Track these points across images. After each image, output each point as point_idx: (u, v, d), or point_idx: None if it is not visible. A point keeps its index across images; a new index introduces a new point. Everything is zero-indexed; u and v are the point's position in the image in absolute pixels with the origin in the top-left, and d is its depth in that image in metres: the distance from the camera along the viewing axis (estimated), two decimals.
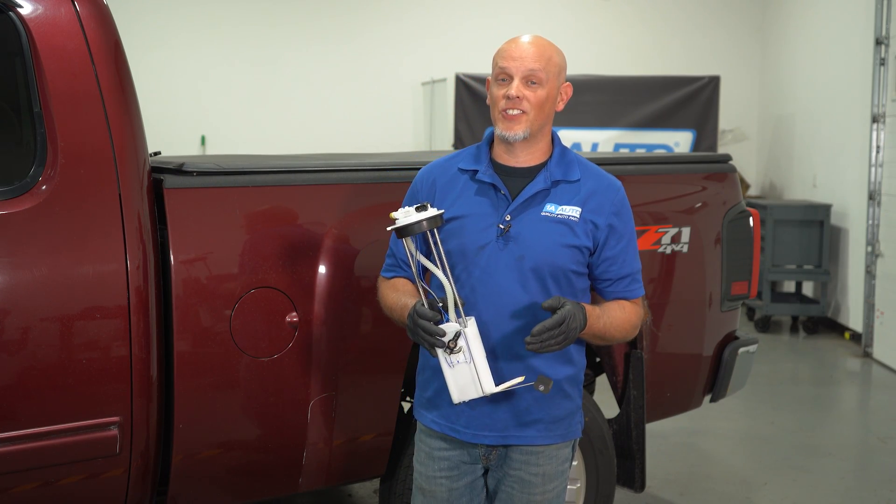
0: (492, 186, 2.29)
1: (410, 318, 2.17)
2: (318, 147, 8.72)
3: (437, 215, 2.15)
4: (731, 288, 3.60)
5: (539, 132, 2.28)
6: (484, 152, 2.34)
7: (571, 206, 2.27)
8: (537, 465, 2.33)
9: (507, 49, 2.26)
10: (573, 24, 9.93)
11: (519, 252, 2.24)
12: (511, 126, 2.23)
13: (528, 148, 2.30)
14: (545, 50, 2.25)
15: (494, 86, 2.27)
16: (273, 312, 2.75)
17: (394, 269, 2.41)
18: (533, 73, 2.22)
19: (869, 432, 5.50)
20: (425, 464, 2.39)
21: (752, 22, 10.05)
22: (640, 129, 9.09)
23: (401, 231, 2.15)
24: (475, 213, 2.27)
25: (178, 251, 2.65)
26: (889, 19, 7.02)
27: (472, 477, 2.37)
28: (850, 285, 7.64)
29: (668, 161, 3.92)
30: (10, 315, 2.45)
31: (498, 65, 2.26)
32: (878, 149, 7.14)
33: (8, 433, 2.45)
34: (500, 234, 2.25)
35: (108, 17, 2.65)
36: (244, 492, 2.87)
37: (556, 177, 2.29)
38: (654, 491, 4.34)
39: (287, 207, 2.83)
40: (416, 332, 2.16)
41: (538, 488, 2.33)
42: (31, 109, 2.52)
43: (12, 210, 2.45)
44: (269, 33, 9.63)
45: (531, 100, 2.22)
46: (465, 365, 2.15)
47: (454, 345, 2.13)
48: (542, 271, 2.24)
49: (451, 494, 2.36)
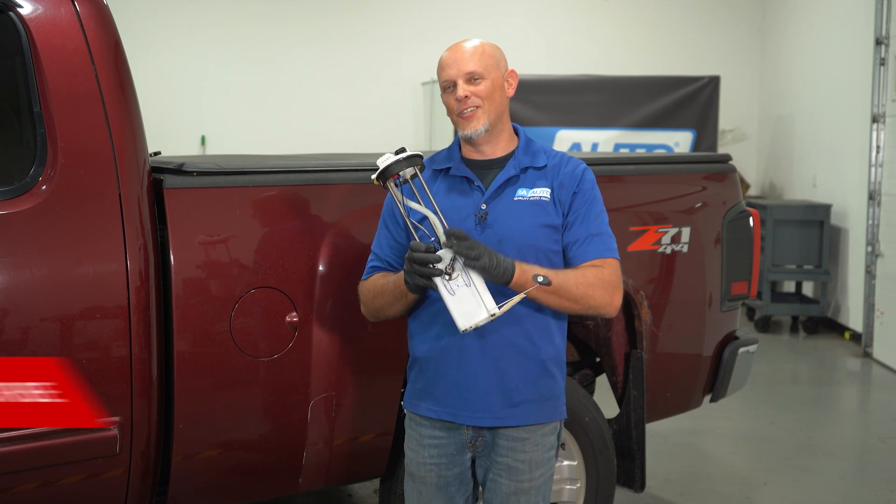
0: (466, 179, 2.43)
1: (406, 259, 2.25)
2: (318, 147, 8.71)
3: (415, 154, 2.26)
4: (731, 288, 3.60)
5: (498, 122, 2.42)
6: (454, 152, 2.49)
7: (542, 188, 2.41)
8: (523, 452, 2.40)
9: (444, 60, 2.42)
10: (573, 24, 9.93)
11: (498, 236, 2.36)
12: (470, 124, 2.38)
13: (492, 140, 2.44)
14: (476, 48, 2.40)
15: (444, 96, 2.43)
16: (273, 312, 2.75)
17: (375, 269, 2.50)
18: (472, 72, 2.37)
19: (869, 432, 5.50)
20: (416, 451, 2.48)
21: (752, 22, 10.05)
22: (640, 129, 9.09)
23: (383, 174, 2.24)
24: (454, 206, 2.40)
25: (178, 251, 2.65)
26: (889, 19, 7.02)
27: (461, 467, 2.46)
28: (850, 285, 7.64)
29: (668, 161, 3.92)
30: (10, 315, 2.45)
31: (441, 77, 2.42)
32: (878, 149, 7.14)
33: (8, 433, 2.45)
34: (478, 221, 2.38)
35: (108, 17, 2.65)
36: (244, 492, 2.87)
37: (525, 164, 2.43)
38: (654, 491, 4.34)
39: (287, 207, 2.83)
40: (412, 270, 2.23)
41: (525, 475, 2.40)
42: (31, 109, 2.52)
43: (12, 210, 2.45)
44: (270, 33, 9.63)
45: (479, 93, 2.37)
46: (466, 288, 2.20)
47: (451, 269, 2.19)
48: (522, 252, 2.34)
49: (441, 481, 2.45)
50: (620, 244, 3.36)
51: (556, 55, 9.83)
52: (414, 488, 2.49)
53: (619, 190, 3.42)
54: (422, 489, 2.47)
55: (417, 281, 2.24)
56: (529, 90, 8.73)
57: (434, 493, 2.45)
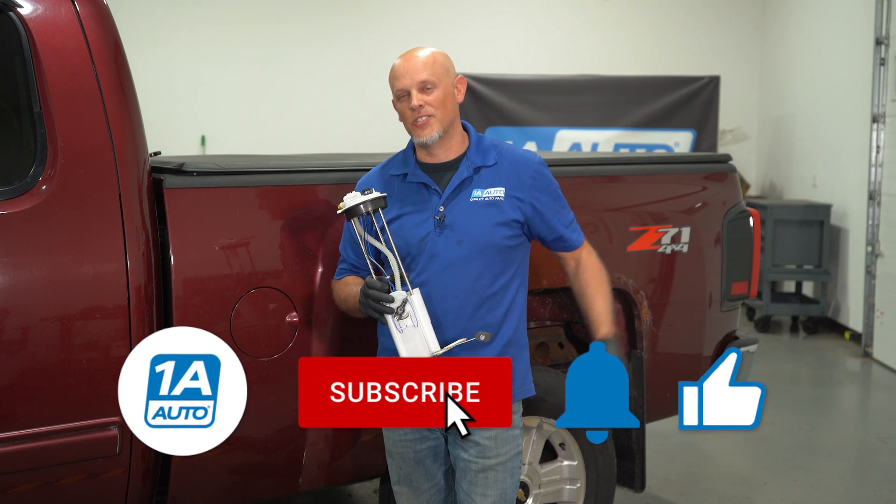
0: (423, 185, 2.54)
1: (361, 293, 2.43)
2: (318, 147, 8.71)
3: (379, 197, 2.44)
4: (731, 288, 3.60)
5: (450, 128, 2.53)
6: (409, 156, 2.60)
7: (495, 187, 2.52)
8: (489, 429, 2.49)
9: (396, 70, 2.51)
10: (573, 24, 9.93)
11: (456, 237, 2.48)
12: (424, 131, 2.49)
13: (444, 145, 2.54)
14: (427, 57, 2.50)
15: (398, 104, 2.53)
16: (273, 312, 2.75)
17: (344, 271, 2.65)
18: (424, 81, 2.47)
19: (869, 432, 5.50)
20: (391, 429, 2.59)
21: (752, 22, 10.05)
22: (640, 129, 9.09)
23: (348, 212, 2.42)
24: (412, 211, 2.52)
25: (178, 251, 2.65)
26: (889, 19, 7.02)
27: (434, 442, 2.58)
28: (850, 285, 7.64)
29: (668, 161, 3.92)
30: (10, 315, 2.45)
31: (395, 86, 2.52)
32: (878, 149, 7.14)
33: (8, 433, 2.45)
34: (436, 224, 2.50)
35: (108, 17, 2.65)
36: (244, 492, 2.87)
37: (477, 164, 2.54)
38: (654, 491, 4.34)
39: (287, 207, 2.83)
40: (366, 304, 2.41)
41: (492, 451, 2.51)
42: (31, 109, 2.53)
43: (12, 210, 2.46)
44: (270, 33, 9.63)
45: (432, 102, 2.48)
46: (413, 329, 2.38)
47: (402, 311, 2.37)
48: (480, 250, 2.48)
49: (417, 455, 2.58)
50: (620, 244, 3.39)
51: (556, 55, 9.83)
52: (393, 464, 2.62)
53: (619, 190, 3.42)
54: (400, 464, 2.60)
55: (370, 313, 2.42)
56: (529, 90, 8.75)
57: (413, 467, 2.59)
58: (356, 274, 2.63)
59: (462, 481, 2.55)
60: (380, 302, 2.38)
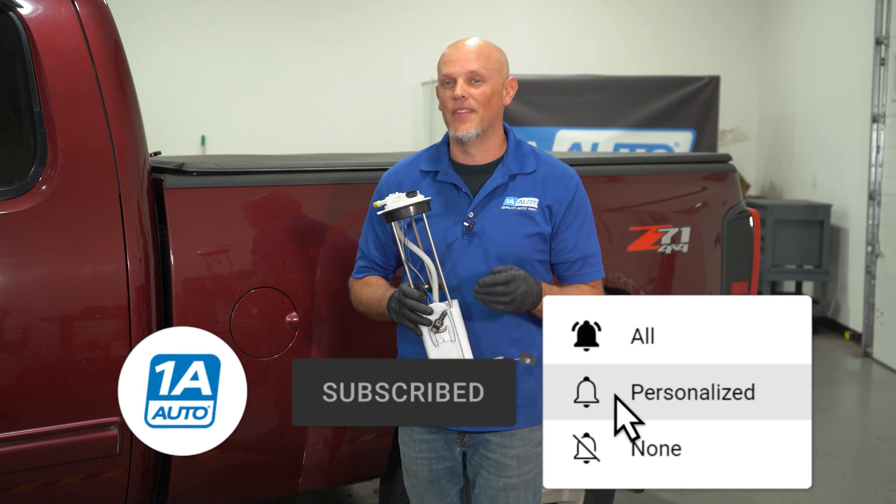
0: (453, 186, 2.40)
1: (394, 300, 2.29)
2: (318, 147, 8.71)
3: (425, 201, 2.26)
4: (731, 288, 3.60)
5: (490, 128, 2.38)
6: (443, 153, 2.45)
7: (529, 197, 2.38)
8: (511, 448, 2.40)
9: (448, 54, 2.37)
10: (573, 24, 9.92)
11: (484, 246, 2.35)
12: (462, 126, 2.34)
13: (482, 145, 2.40)
14: (483, 49, 2.36)
15: (441, 91, 2.39)
16: (273, 312, 2.75)
17: (365, 270, 2.53)
18: (474, 72, 2.33)
19: (869, 432, 5.50)
20: (408, 444, 2.51)
21: (751, 22, 10.05)
22: (640, 129, 9.09)
23: (390, 215, 2.25)
24: (439, 213, 2.38)
25: (178, 251, 2.65)
26: (889, 19, 7.02)
27: (451, 462, 2.47)
28: (850, 285, 7.64)
29: (668, 161, 3.92)
30: (10, 315, 2.45)
31: (442, 71, 2.37)
32: (878, 149, 7.14)
33: (8, 433, 2.45)
34: (465, 231, 2.37)
35: (108, 17, 2.65)
36: (244, 492, 2.87)
37: (513, 170, 2.40)
38: (655, 491, 4.34)
39: (287, 207, 2.83)
40: (401, 312, 2.26)
41: (513, 471, 2.41)
42: (31, 109, 2.52)
43: (12, 210, 2.46)
44: (270, 33, 9.63)
45: (477, 97, 2.33)
46: (451, 344, 2.23)
47: (440, 324, 2.23)
48: (507, 262, 2.34)
49: (432, 475, 2.48)
50: (620, 244, 3.38)
51: (556, 55, 9.82)
52: (408, 481, 2.54)
53: (619, 190, 3.42)
54: (414, 482, 2.51)
55: (403, 322, 2.28)
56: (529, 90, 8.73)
57: (426, 486, 2.49)
58: (378, 274, 2.51)
59: (482, 498, 2.45)
60: (417, 312, 2.23)
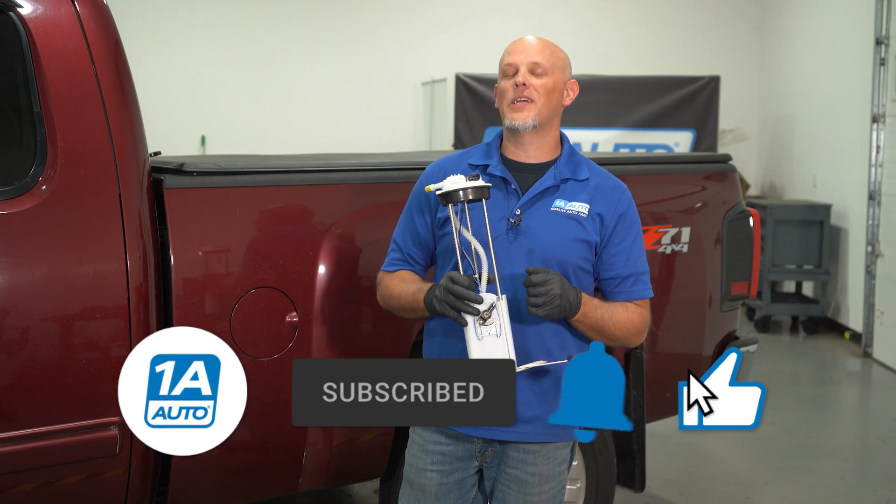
0: (502, 180, 2.33)
1: (439, 287, 2.18)
2: (318, 147, 8.71)
3: (486, 186, 2.17)
4: (731, 288, 3.60)
5: (547, 124, 2.33)
6: (494, 148, 2.38)
7: (580, 202, 2.31)
8: (534, 465, 2.33)
9: (512, 45, 2.34)
10: (573, 24, 9.93)
11: (528, 245, 2.27)
12: (519, 115, 2.28)
13: (537, 141, 2.34)
14: (548, 45, 2.34)
15: (502, 81, 2.33)
16: (273, 312, 2.75)
17: (398, 262, 2.43)
18: (538, 63, 2.29)
19: (869, 432, 5.50)
20: (417, 456, 2.40)
21: (751, 22, 10.05)
22: (640, 129, 9.09)
23: (445, 196, 2.15)
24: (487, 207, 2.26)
25: (178, 251, 2.65)
26: (889, 19, 7.02)
27: (463, 474, 2.37)
28: (850, 285, 7.64)
29: (668, 161, 3.92)
30: (10, 315, 2.45)
31: (504, 61, 2.33)
32: (878, 149, 7.14)
33: (8, 433, 2.45)
34: (510, 227, 2.28)
35: (108, 17, 2.65)
36: (244, 492, 2.87)
37: (566, 175, 2.34)
38: (654, 491, 4.34)
39: (287, 207, 2.83)
40: (445, 299, 2.16)
41: (535, 488, 2.33)
42: (31, 109, 2.52)
43: (12, 210, 2.46)
44: (270, 33, 9.63)
45: (538, 87, 2.28)
46: (495, 338, 2.14)
47: (488, 315, 2.13)
48: (551, 265, 2.26)
49: (440, 489, 2.36)
50: None
51: None
52: (412, 495, 2.41)
53: None
54: (419, 497, 2.39)
55: (447, 311, 2.17)
56: None
57: (432, 502, 2.37)
58: (412, 269, 2.41)
59: None
60: (465, 301, 2.13)
